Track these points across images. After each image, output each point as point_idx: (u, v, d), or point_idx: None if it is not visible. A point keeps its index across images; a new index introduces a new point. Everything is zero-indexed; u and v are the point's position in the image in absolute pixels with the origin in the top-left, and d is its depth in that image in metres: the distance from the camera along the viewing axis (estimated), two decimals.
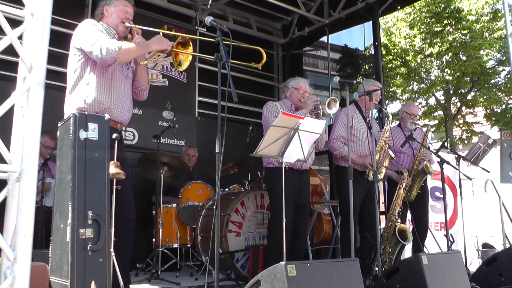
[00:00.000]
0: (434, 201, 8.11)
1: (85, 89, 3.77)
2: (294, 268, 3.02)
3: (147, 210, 7.27)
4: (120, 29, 4.08)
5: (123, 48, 3.73)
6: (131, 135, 7.94)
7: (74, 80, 3.83)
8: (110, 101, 3.84)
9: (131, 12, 4.13)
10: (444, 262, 4.53)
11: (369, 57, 15.04)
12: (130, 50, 3.82)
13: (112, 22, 4.07)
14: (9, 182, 2.22)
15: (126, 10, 4.09)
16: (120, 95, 3.95)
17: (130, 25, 4.06)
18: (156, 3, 8.51)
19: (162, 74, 8.50)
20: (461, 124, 17.63)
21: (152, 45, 3.93)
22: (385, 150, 5.57)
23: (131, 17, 4.12)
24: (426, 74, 17.43)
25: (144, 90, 4.29)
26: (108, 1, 4.11)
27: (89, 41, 3.73)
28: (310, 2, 9.32)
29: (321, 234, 6.91)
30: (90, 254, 2.75)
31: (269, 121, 5.16)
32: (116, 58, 3.71)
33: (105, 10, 4.09)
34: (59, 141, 3.21)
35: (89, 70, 3.81)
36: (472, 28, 15.35)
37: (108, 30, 4.03)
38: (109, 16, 4.08)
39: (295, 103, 5.43)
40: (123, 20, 4.06)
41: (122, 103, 3.98)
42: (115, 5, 4.08)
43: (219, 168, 3.36)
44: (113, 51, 3.67)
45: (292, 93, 5.46)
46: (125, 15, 4.08)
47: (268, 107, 5.37)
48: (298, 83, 5.49)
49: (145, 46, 3.93)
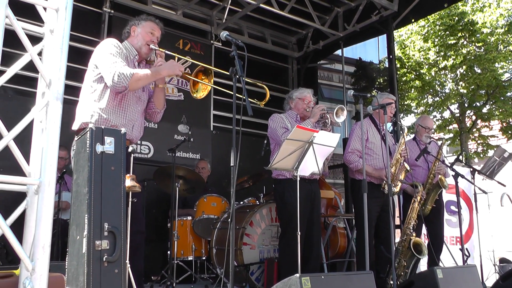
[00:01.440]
0: (449, 215, 8.07)
1: (94, 105, 3.77)
2: (308, 281, 3.03)
3: (162, 223, 7.31)
4: (143, 51, 4.06)
5: (135, 76, 3.72)
6: (146, 149, 8.00)
7: (87, 95, 3.83)
8: (116, 120, 3.81)
9: (158, 36, 4.13)
10: (459, 276, 4.51)
11: (383, 70, 15.10)
12: (141, 78, 3.78)
13: (137, 44, 4.06)
14: (28, 194, 2.27)
15: (153, 32, 4.09)
16: (128, 115, 3.91)
17: (154, 48, 4.03)
18: (172, 18, 8.61)
19: (177, 88, 8.58)
20: (476, 138, 17.48)
21: (163, 71, 3.90)
22: (400, 163, 5.56)
23: (157, 40, 4.11)
24: (441, 87, 17.33)
25: (158, 112, 4.26)
26: (137, 22, 4.12)
27: (105, 64, 3.74)
28: (324, 16, 9.37)
29: (336, 248, 6.90)
30: (106, 265, 2.77)
31: (277, 132, 5.19)
32: (127, 87, 3.71)
33: (132, 30, 4.10)
34: (76, 154, 3.25)
35: (103, 87, 3.81)
36: (486, 41, 15.27)
37: (130, 50, 4.03)
38: (134, 36, 4.08)
39: (301, 113, 5.44)
40: (148, 42, 4.04)
41: (130, 123, 3.94)
42: (143, 27, 4.08)
43: (234, 181, 3.37)
44: (125, 80, 3.67)
45: (297, 104, 5.47)
46: (151, 37, 4.06)
47: (274, 118, 5.38)
48: (302, 94, 5.51)
49: (156, 73, 3.88)
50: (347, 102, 10.61)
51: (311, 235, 5.20)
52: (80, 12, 2.27)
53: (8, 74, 2.24)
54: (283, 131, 5.16)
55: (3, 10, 2.07)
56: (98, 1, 7.96)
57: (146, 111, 4.23)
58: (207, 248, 6.73)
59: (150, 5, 8.31)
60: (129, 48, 4.05)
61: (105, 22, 7.90)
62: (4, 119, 2.17)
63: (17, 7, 2.19)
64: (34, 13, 2.47)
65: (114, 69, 3.69)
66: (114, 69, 3.69)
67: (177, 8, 8.69)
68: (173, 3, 8.71)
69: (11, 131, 2.14)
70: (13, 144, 2.22)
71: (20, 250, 2.10)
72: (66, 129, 2.30)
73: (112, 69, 3.69)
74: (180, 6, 8.68)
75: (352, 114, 14.89)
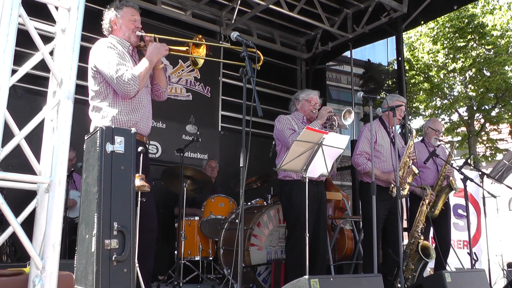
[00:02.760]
0: (457, 219, 8.04)
1: (109, 110, 3.76)
2: (317, 283, 3.03)
3: (169, 223, 7.32)
4: (132, 40, 4.02)
5: (140, 77, 3.74)
6: (154, 149, 8.02)
7: (98, 100, 3.81)
8: (135, 117, 3.83)
9: (139, 19, 4.06)
10: (467, 280, 4.50)
11: (392, 72, 15.04)
12: (144, 75, 3.80)
13: (124, 35, 4.00)
14: (38, 193, 2.28)
15: (134, 18, 4.02)
16: (144, 108, 3.93)
17: (141, 34, 4.01)
18: (181, 19, 8.62)
19: (186, 88, 8.59)
20: (485, 141, 17.41)
21: (153, 57, 3.89)
22: (408, 166, 5.54)
23: (140, 24, 4.05)
24: (449, 90, 17.27)
25: (164, 91, 4.25)
26: (113, 14, 4.03)
27: (110, 71, 3.71)
28: (333, 17, 9.36)
29: (343, 250, 6.89)
30: (115, 265, 2.78)
31: (284, 134, 5.18)
32: (138, 89, 3.75)
33: (112, 23, 4.02)
34: (86, 153, 3.26)
35: (112, 90, 3.79)
36: (496, 44, 15.21)
37: (122, 43, 3.98)
38: (118, 29, 4.01)
39: (307, 115, 5.43)
40: (133, 30, 4.00)
41: (147, 116, 3.97)
42: (122, 16, 4.00)
43: (243, 182, 3.37)
44: (135, 85, 3.70)
45: (304, 105, 5.46)
46: (134, 24, 4.01)
47: (280, 120, 5.36)
48: (309, 95, 5.50)
49: (151, 62, 3.88)
50: (356, 104, 10.56)
51: (317, 236, 5.19)
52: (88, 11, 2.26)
53: (20, 73, 2.25)
54: (291, 132, 5.16)
55: (16, 9, 2.08)
56: (107, 0, 7.96)
57: (153, 93, 4.22)
58: (214, 249, 6.74)
59: (159, 5, 8.32)
60: (121, 42, 4.00)
61: None
62: (13, 118, 2.18)
63: (28, 6, 2.19)
64: (44, 13, 2.48)
65: (121, 79, 3.67)
66: (121, 79, 3.67)
67: (186, 9, 8.70)
68: (183, 4, 8.72)
69: (23, 130, 2.15)
70: (24, 143, 2.23)
71: (30, 248, 2.10)
72: (73, 129, 2.30)
73: (119, 79, 3.68)
74: (189, 6, 8.68)
75: (361, 116, 14.84)
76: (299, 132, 5.03)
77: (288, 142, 5.09)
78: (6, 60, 2.03)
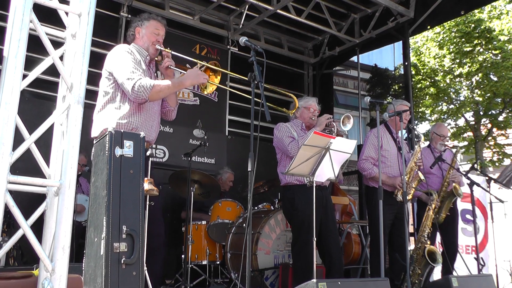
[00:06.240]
0: (465, 224, 8.02)
1: (115, 112, 3.78)
2: (325, 286, 3.04)
3: (177, 227, 7.33)
4: (150, 51, 4.06)
5: (155, 88, 3.72)
6: (161, 153, 8.04)
7: (105, 102, 3.83)
8: (139, 123, 3.83)
9: (162, 34, 4.12)
10: (475, 285, 4.49)
11: (398, 77, 15.05)
12: (162, 90, 3.78)
13: (143, 44, 4.06)
14: (48, 196, 2.30)
15: (158, 32, 4.07)
16: (148, 116, 3.93)
17: (160, 48, 4.04)
18: (189, 23, 8.65)
19: (193, 93, 8.61)
20: (492, 146, 17.37)
21: (186, 81, 3.89)
22: (414, 171, 5.54)
23: (161, 39, 4.10)
24: (456, 95, 17.28)
25: (172, 110, 4.26)
26: (139, 23, 4.10)
27: (123, 73, 3.73)
28: (341, 22, 9.38)
29: (350, 254, 6.89)
30: (124, 268, 2.79)
31: (284, 142, 5.17)
32: (147, 99, 3.72)
33: (136, 32, 4.08)
34: (94, 157, 3.28)
35: (120, 94, 3.81)
36: (504, 48, 15.19)
37: (141, 52, 4.03)
38: (140, 38, 4.07)
39: (306, 122, 5.43)
40: (154, 42, 4.04)
41: (150, 124, 3.97)
42: (147, 27, 4.06)
43: (251, 186, 3.38)
44: (144, 93, 3.68)
45: (303, 113, 5.45)
46: (156, 37, 4.05)
47: (280, 128, 5.34)
48: (307, 102, 5.49)
49: (179, 84, 3.88)
50: (362, 109, 10.57)
51: (328, 241, 5.15)
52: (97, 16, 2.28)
53: (30, 78, 2.28)
54: (290, 140, 5.14)
55: (27, 14, 2.10)
56: (115, 6, 8.02)
57: (161, 110, 4.23)
58: (222, 253, 6.75)
59: (167, 10, 8.35)
60: (140, 50, 4.05)
61: (123, 27, 7.96)
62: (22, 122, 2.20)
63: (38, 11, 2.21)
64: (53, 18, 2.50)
65: (133, 81, 3.68)
66: (133, 81, 3.68)
67: (194, 13, 8.72)
68: (191, 8, 8.75)
69: (33, 134, 2.17)
70: (33, 147, 2.25)
71: (40, 250, 2.13)
72: (83, 133, 2.33)
73: (131, 81, 3.69)
74: (197, 11, 8.71)
75: (367, 121, 14.85)
76: (300, 138, 5.05)
77: (287, 150, 5.10)
78: (18, 65, 2.05)
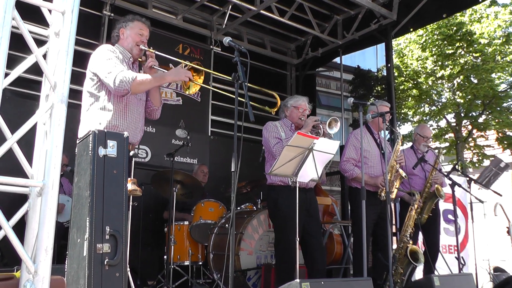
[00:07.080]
0: (447, 224, 8.08)
1: (100, 113, 3.80)
2: (308, 286, 3.04)
3: (159, 228, 7.30)
4: (134, 52, 4.09)
5: (137, 80, 3.74)
6: (144, 153, 8.00)
7: (90, 103, 3.85)
8: (124, 124, 3.85)
9: (146, 35, 4.15)
10: (456, 284, 4.53)
11: (381, 79, 15.14)
12: (144, 82, 3.81)
13: (127, 45, 4.09)
14: (30, 196, 2.27)
15: (142, 33, 4.11)
16: (133, 117, 3.96)
17: (144, 48, 4.06)
18: (172, 23, 8.63)
19: (176, 92, 8.58)
20: (472, 147, 17.53)
21: (167, 77, 3.97)
22: (396, 170, 5.57)
23: (146, 40, 4.14)
24: (438, 97, 17.42)
25: (156, 109, 4.29)
26: (124, 24, 4.14)
27: (105, 69, 3.76)
28: (324, 23, 9.41)
29: (332, 254, 6.91)
30: (107, 269, 2.77)
31: (269, 143, 5.16)
32: (129, 90, 3.73)
33: (121, 32, 4.12)
34: (78, 157, 3.25)
35: (105, 94, 3.83)
36: (484, 51, 15.35)
37: (124, 53, 4.06)
38: (124, 39, 4.11)
39: (295, 122, 5.38)
40: (138, 43, 4.07)
41: (135, 126, 3.99)
42: (131, 28, 4.11)
43: (234, 186, 3.38)
44: (127, 83, 3.69)
45: (292, 112, 5.39)
46: (140, 38, 4.09)
47: (267, 128, 5.32)
48: (297, 102, 5.43)
49: (161, 78, 3.94)
50: (345, 110, 10.59)
51: (311, 242, 5.13)
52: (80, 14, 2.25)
53: (12, 76, 2.25)
54: (276, 141, 5.12)
55: (10, 12, 2.08)
56: (98, 4, 7.97)
57: (146, 110, 4.25)
58: (204, 253, 6.72)
59: (150, 9, 8.32)
60: (123, 51, 4.08)
61: (105, 25, 7.91)
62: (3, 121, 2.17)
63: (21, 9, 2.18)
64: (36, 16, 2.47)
65: (114, 74, 3.71)
66: (114, 74, 3.71)
67: (177, 13, 8.70)
68: (174, 8, 8.73)
69: (15, 134, 2.15)
70: (16, 146, 2.22)
71: (22, 252, 2.10)
72: (67, 133, 2.30)
73: (113, 74, 3.71)
74: (180, 10, 8.69)
75: (349, 122, 14.91)
76: (286, 140, 5.03)
77: (272, 152, 5.09)
78: (0, 63, 2.03)
